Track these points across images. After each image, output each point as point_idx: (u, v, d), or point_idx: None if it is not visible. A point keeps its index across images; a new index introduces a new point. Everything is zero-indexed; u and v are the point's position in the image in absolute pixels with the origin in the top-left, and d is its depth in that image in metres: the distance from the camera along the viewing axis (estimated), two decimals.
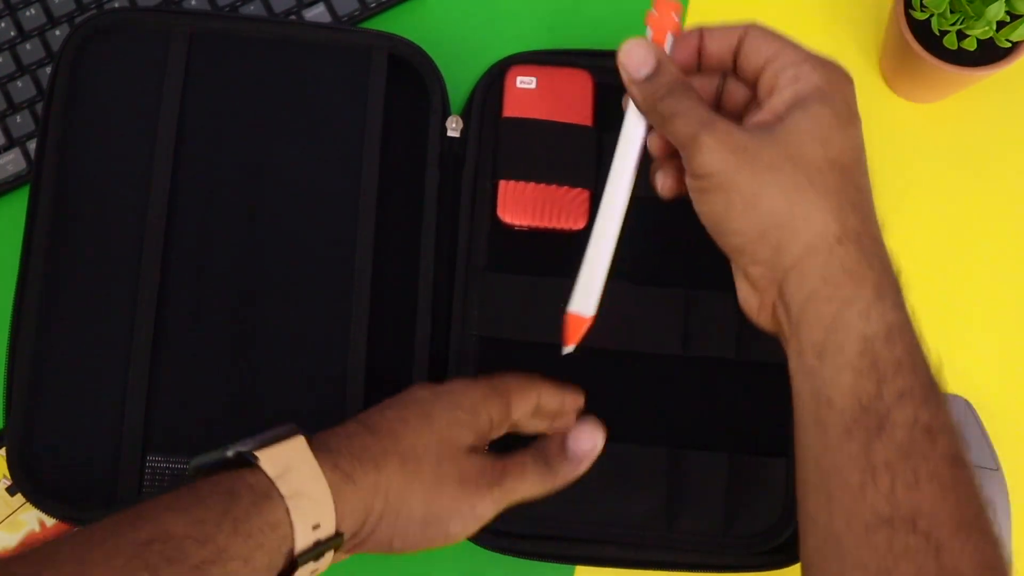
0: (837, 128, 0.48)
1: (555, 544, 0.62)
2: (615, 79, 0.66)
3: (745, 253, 0.49)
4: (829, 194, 0.46)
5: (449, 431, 0.51)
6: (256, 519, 0.43)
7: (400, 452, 0.49)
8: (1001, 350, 0.68)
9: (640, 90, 0.51)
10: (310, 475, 0.46)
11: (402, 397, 0.54)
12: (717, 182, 0.47)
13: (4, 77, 0.69)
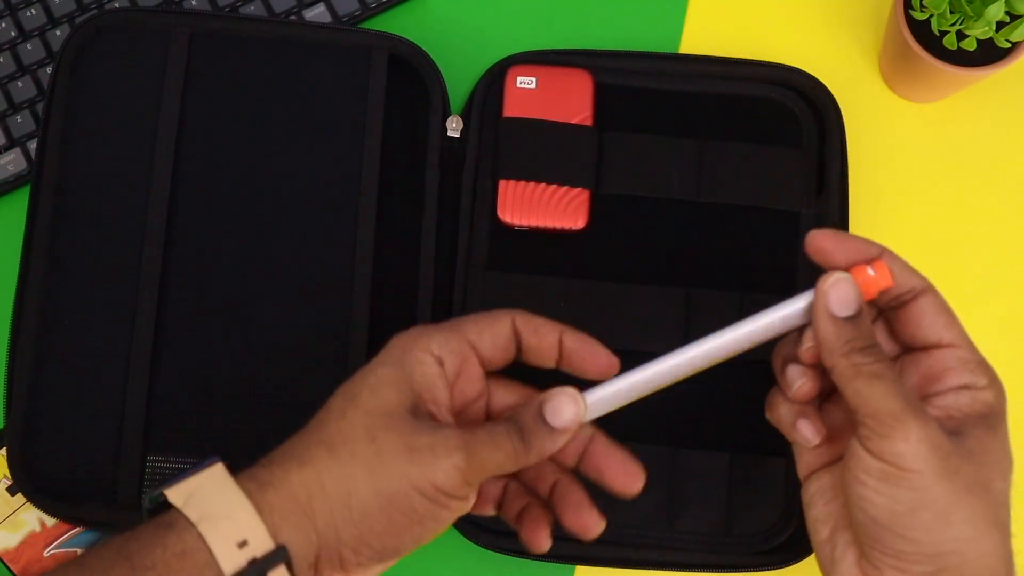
0: (1009, 461, 0.46)
1: (555, 544, 0.62)
2: (615, 79, 0.67)
3: (902, 559, 0.44)
4: (1005, 536, 0.44)
5: (374, 398, 0.44)
6: (158, 552, 0.41)
7: (326, 440, 0.44)
8: (1001, 349, 0.67)
9: (837, 330, 0.46)
10: (220, 494, 0.42)
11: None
12: (910, 481, 0.43)
13: (5, 77, 0.69)
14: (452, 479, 0.43)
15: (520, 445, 0.44)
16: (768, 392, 0.64)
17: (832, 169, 0.65)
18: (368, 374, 0.46)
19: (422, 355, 0.46)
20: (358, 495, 0.43)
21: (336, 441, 0.44)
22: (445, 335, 0.46)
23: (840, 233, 0.48)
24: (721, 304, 0.63)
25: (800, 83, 0.67)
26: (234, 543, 0.41)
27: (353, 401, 0.45)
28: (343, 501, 0.43)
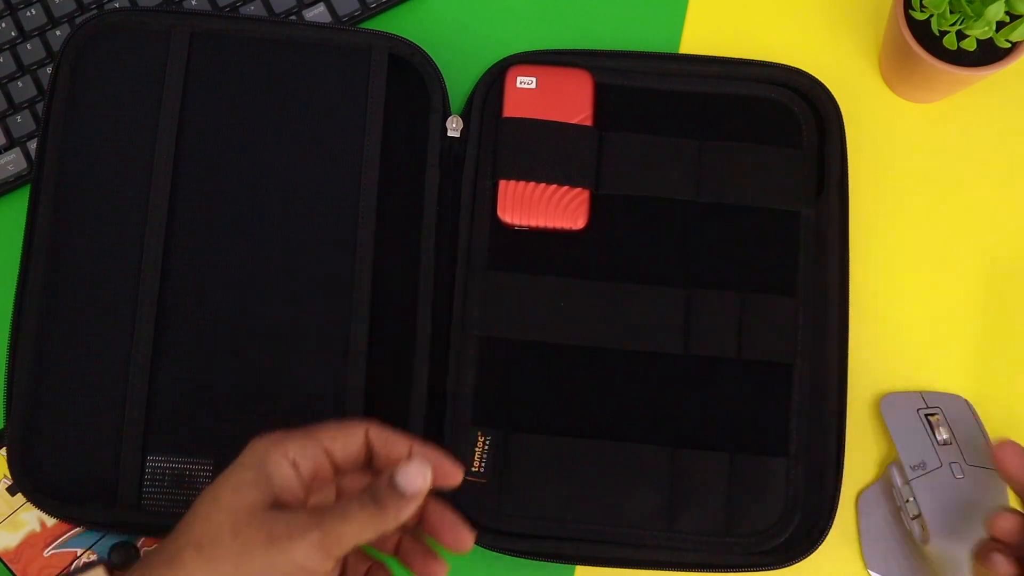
0: None
1: (555, 544, 0.62)
2: (615, 79, 0.67)
3: None
4: None
5: (236, 498, 0.47)
6: None
7: (193, 542, 0.46)
8: (1001, 350, 0.68)
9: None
10: None
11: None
12: None
13: (5, 77, 0.69)
14: (312, 556, 0.46)
15: (377, 512, 0.47)
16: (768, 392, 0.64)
17: (832, 169, 0.65)
18: (230, 475, 0.48)
19: (280, 459, 0.49)
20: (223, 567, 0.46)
21: (203, 542, 0.46)
22: (301, 441, 0.49)
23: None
24: (721, 304, 0.63)
25: (800, 83, 0.67)
26: None
27: (216, 503, 0.47)
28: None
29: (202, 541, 0.46)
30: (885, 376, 0.67)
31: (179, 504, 0.61)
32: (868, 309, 0.67)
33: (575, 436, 0.63)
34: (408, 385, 0.63)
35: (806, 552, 0.62)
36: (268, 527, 0.46)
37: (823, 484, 0.63)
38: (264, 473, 0.48)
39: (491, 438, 0.62)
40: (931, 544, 0.61)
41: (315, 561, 0.46)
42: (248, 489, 0.47)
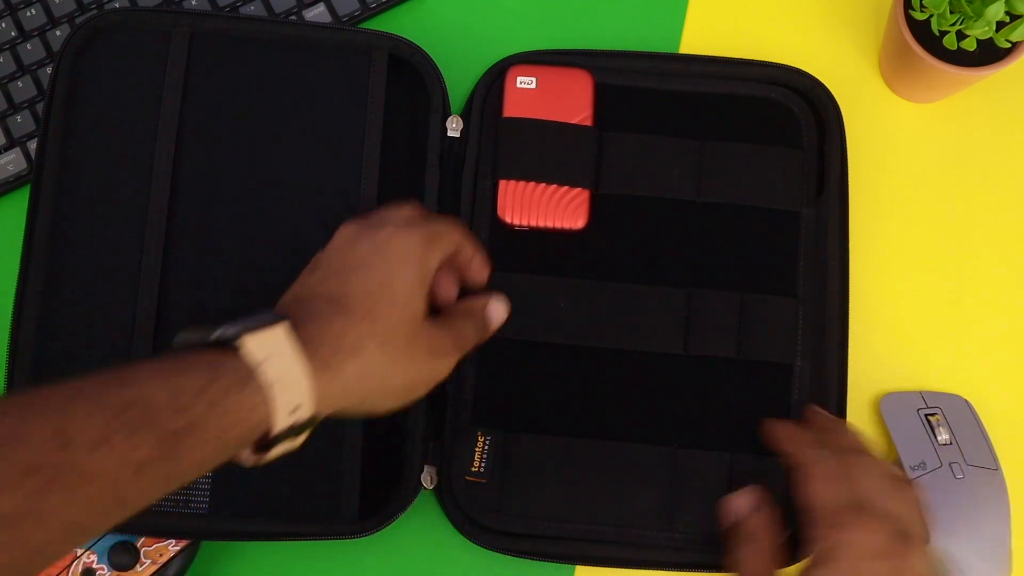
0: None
1: (555, 544, 0.62)
2: (615, 79, 0.67)
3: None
4: None
5: (411, 304, 0.53)
6: (233, 400, 0.45)
7: (376, 335, 0.51)
8: (1001, 350, 0.68)
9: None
10: (290, 364, 0.47)
11: (347, 255, 0.54)
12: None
13: (5, 77, 0.69)
14: (449, 368, 0.56)
15: (484, 334, 0.60)
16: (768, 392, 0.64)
17: (832, 169, 0.65)
18: (404, 272, 0.53)
19: (434, 265, 0.56)
20: (392, 385, 0.53)
21: (385, 339, 0.52)
22: (442, 249, 0.56)
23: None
24: (721, 304, 0.63)
25: (800, 83, 0.67)
26: (290, 409, 0.47)
27: (395, 301, 0.52)
28: (379, 384, 0.52)
29: (384, 338, 0.51)
30: (885, 376, 0.67)
31: (178, 504, 0.61)
32: (868, 309, 0.67)
33: (575, 436, 0.63)
34: None
35: (806, 552, 0.62)
36: (428, 341, 0.54)
37: None
38: (426, 280, 0.55)
39: (491, 438, 0.62)
40: (931, 544, 0.61)
41: (448, 371, 0.56)
42: (418, 296, 0.54)
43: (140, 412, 0.42)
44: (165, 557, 0.61)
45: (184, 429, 0.43)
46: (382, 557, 0.65)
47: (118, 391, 0.42)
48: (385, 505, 0.62)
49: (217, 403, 0.44)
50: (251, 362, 0.46)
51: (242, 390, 0.45)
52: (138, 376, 0.44)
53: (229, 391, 0.45)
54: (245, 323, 0.47)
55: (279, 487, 0.61)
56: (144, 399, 0.43)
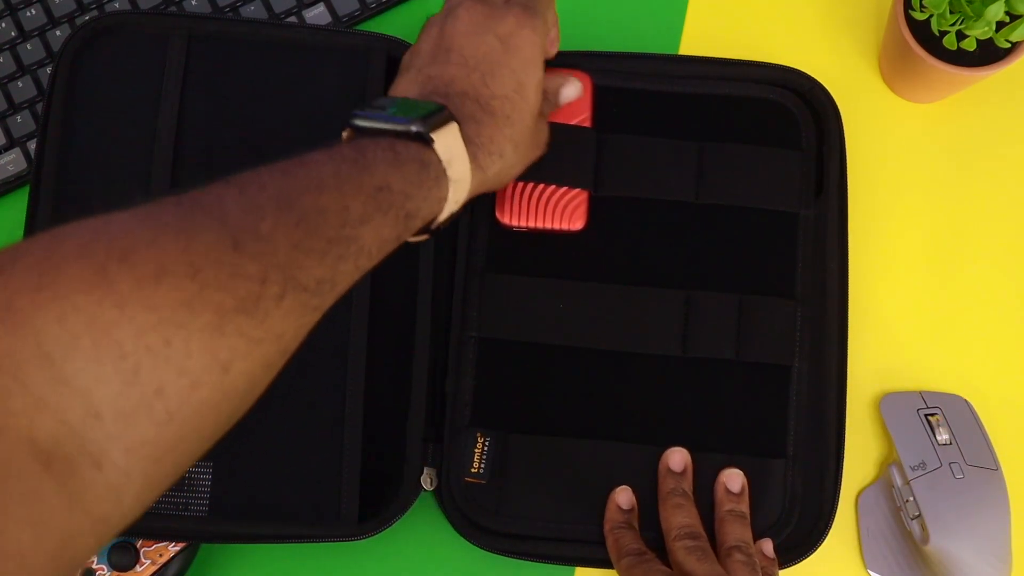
0: None
1: (555, 545, 0.62)
2: (614, 80, 0.67)
3: None
4: None
5: (536, 105, 0.58)
6: (436, 192, 0.50)
7: (514, 138, 0.56)
8: (1001, 350, 0.68)
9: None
10: (464, 166, 0.52)
11: (478, 46, 0.56)
12: None
13: (4, 77, 0.69)
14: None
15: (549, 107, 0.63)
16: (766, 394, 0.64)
17: (831, 170, 0.65)
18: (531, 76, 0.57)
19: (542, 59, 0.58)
20: (513, 172, 0.58)
21: (518, 141, 0.56)
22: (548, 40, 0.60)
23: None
24: (719, 306, 0.63)
25: (799, 84, 0.66)
26: (455, 201, 0.52)
27: (527, 103, 0.57)
28: (505, 176, 0.57)
29: (518, 141, 0.56)
30: (885, 376, 0.67)
31: (178, 507, 0.61)
32: (868, 309, 0.67)
33: (574, 437, 0.63)
34: (408, 385, 0.63)
35: (806, 553, 0.62)
36: (539, 135, 0.60)
37: (823, 485, 0.63)
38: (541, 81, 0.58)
39: (490, 439, 0.62)
40: (931, 544, 0.61)
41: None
42: (539, 95, 0.58)
43: (386, 196, 0.47)
44: (165, 557, 0.61)
45: (411, 213, 0.48)
46: (382, 559, 0.65)
47: (369, 177, 0.46)
48: (385, 507, 0.62)
49: (429, 194, 0.50)
50: (443, 159, 0.50)
51: (439, 184, 0.50)
52: (375, 162, 0.47)
53: (436, 184, 0.50)
54: (423, 119, 0.50)
55: (278, 489, 0.61)
56: (387, 185, 0.47)
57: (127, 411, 0.36)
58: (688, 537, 0.59)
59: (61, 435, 0.35)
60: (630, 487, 0.62)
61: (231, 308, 0.38)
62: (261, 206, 0.42)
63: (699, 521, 0.60)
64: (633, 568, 0.58)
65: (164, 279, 0.37)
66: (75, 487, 0.35)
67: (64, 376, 0.35)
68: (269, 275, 0.40)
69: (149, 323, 0.36)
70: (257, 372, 0.40)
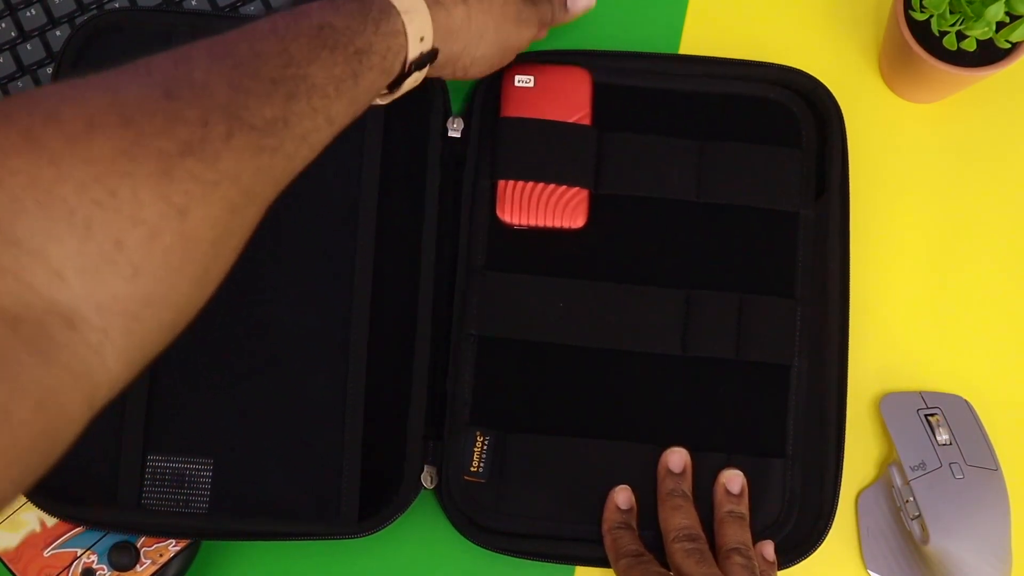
0: None
1: (555, 544, 0.62)
2: (614, 78, 0.67)
3: None
4: None
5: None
6: (385, 25, 0.50)
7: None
8: (1001, 350, 0.68)
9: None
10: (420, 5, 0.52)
11: None
12: None
13: (5, 78, 0.69)
14: (528, 41, 0.62)
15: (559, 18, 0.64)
16: (766, 393, 0.64)
17: (833, 170, 0.65)
18: None
19: None
20: (487, 40, 0.57)
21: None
22: None
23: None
24: (720, 305, 0.63)
25: (801, 83, 0.67)
26: (418, 36, 0.52)
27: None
28: (477, 38, 0.57)
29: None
30: (885, 376, 0.67)
31: (179, 504, 0.61)
32: (868, 309, 0.67)
33: (573, 436, 0.63)
34: (408, 385, 0.63)
35: (806, 552, 0.62)
36: (517, 8, 0.59)
37: (823, 484, 0.63)
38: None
39: (490, 438, 0.62)
40: (931, 544, 0.61)
41: (527, 42, 0.61)
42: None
43: (329, 34, 0.47)
44: (165, 557, 0.61)
45: (361, 49, 0.48)
46: (382, 558, 0.65)
47: (306, 19, 0.46)
48: (385, 505, 0.62)
49: (379, 27, 0.49)
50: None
51: (388, 16, 0.50)
52: (311, 9, 0.48)
53: (381, 18, 0.50)
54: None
55: (279, 487, 0.61)
56: (329, 24, 0.47)
57: (89, 268, 0.36)
58: (687, 539, 0.59)
59: (27, 298, 0.35)
60: (629, 486, 0.62)
61: (175, 152, 0.38)
62: (192, 57, 0.42)
63: (698, 522, 0.60)
64: (631, 570, 0.58)
65: (96, 131, 0.37)
66: (47, 347, 0.35)
67: (15, 238, 0.35)
68: (210, 117, 0.40)
69: (90, 176, 0.36)
70: (221, 216, 0.40)
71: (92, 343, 0.36)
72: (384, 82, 0.51)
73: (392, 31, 0.50)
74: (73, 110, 0.37)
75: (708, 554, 0.58)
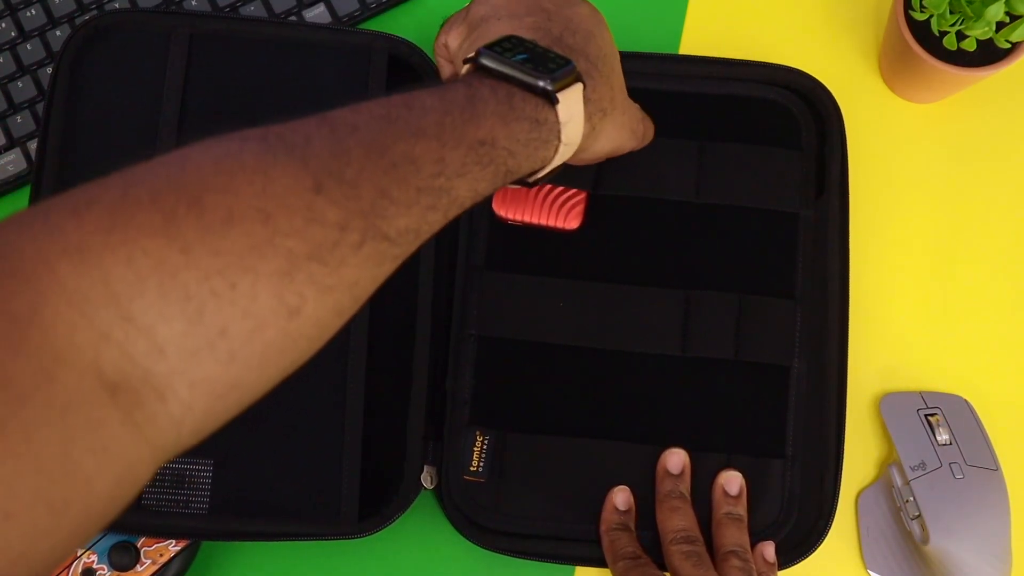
0: None
1: (554, 544, 0.62)
2: None
3: None
4: None
5: (622, 84, 0.57)
6: (542, 152, 0.49)
7: (615, 100, 0.55)
8: (1001, 349, 0.68)
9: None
10: (578, 128, 0.51)
11: (574, 13, 0.55)
12: None
13: (5, 77, 0.69)
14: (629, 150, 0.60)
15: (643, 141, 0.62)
16: (766, 394, 0.64)
17: (833, 170, 0.65)
18: (614, 46, 0.57)
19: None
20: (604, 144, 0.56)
21: (616, 108, 0.56)
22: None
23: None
24: (719, 306, 0.63)
25: (800, 84, 0.67)
26: (564, 159, 0.51)
27: (618, 76, 0.56)
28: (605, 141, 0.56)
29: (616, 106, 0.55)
30: (885, 376, 0.67)
31: (179, 504, 0.61)
32: (868, 309, 0.67)
33: (573, 436, 0.63)
34: (408, 383, 0.63)
35: (806, 552, 0.62)
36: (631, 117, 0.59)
37: (823, 484, 0.63)
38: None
39: (489, 438, 0.62)
40: (931, 544, 0.61)
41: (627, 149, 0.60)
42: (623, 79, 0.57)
43: (488, 151, 0.46)
44: (165, 557, 0.61)
45: (511, 170, 0.48)
46: (382, 557, 0.65)
47: (475, 129, 0.46)
48: (385, 505, 0.62)
49: (535, 153, 0.49)
50: (562, 120, 0.49)
51: (547, 146, 0.49)
52: (485, 114, 0.46)
53: (544, 145, 0.49)
54: (552, 72, 0.49)
55: (279, 487, 0.61)
56: (493, 140, 0.46)
57: (191, 349, 0.36)
58: (684, 541, 0.59)
59: (126, 367, 0.36)
60: (628, 487, 0.62)
61: (303, 254, 0.38)
62: (349, 149, 0.41)
63: (696, 524, 0.60)
64: (628, 572, 0.58)
65: (234, 226, 0.37)
66: (140, 417, 0.36)
67: (130, 314, 0.35)
68: (350, 222, 0.40)
69: (215, 267, 0.37)
70: (327, 318, 0.41)
71: (175, 416, 0.37)
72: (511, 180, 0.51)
73: (545, 157, 0.50)
74: (216, 199, 0.38)
75: (705, 557, 0.58)
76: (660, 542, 0.60)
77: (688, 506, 0.61)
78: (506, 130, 0.47)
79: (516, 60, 0.49)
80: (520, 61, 0.49)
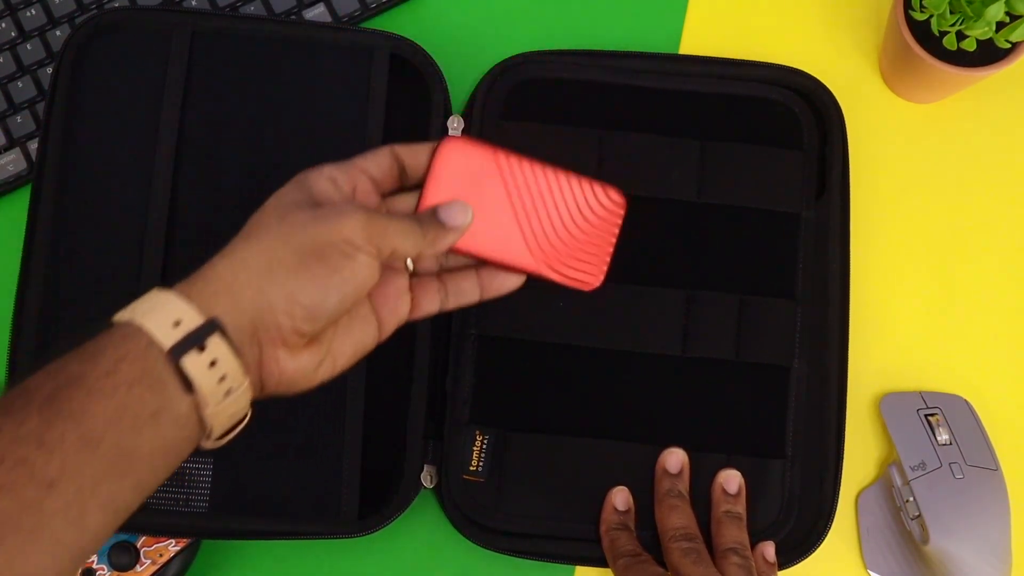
0: None
1: (554, 544, 0.62)
2: (615, 78, 0.67)
3: None
4: None
5: (281, 200, 0.49)
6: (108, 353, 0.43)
7: (242, 235, 0.48)
8: (1001, 350, 0.68)
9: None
10: (152, 298, 0.45)
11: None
12: None
13: (5, 77, 0.69)
14: (356, 231, 0.47)
15: (419, 230, 0.50)
16: (765, 394, 0.64)
17: (834, 171, 0.65)
18: (273, 196, 0.50)
19: (317, 177, 0.51)
20: (277, 258, 0.46)
21: (251, 231, 0.48)
22: (336, 164, 0.52)
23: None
24: (720, 306, 0.63)
25: (801, 84, 0.67)
26: (169, 324, 0.44)
27: (262, 211, 0.49)
28: (266, 267, 0.46)
29: (250, 231, 0.48)
30: (885, 376, 0.67)
31: (179, 503, 0.61)
32: (868, 309, 0.67)
33: (573, 435, 0.63)
34: (408, 383, 0.63)
35: (806, 552, 0.62)
36: (313, 211, 0.48)
37: (823, 484, 0.63)
38: (306, 187, 0.50)
39: (489, 437, 0.62)
40: (931, 544, 0.61)
41: (360, 237, 0.47)
42: (292, 194, 0.49)
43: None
44: (165, 557, 0.61)
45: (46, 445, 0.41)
46: (382, 556, 0.65)
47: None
48: (385, 504, 0.62)
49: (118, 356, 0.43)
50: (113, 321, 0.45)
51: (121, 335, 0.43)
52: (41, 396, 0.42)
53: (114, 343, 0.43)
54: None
55: (279, 486, 0.61)
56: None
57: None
58: (684, 539, 0.59)
59: None
60: (628, 486, 0.62)
61: None
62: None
63: (695, 522, 0.60)
64: (629, 569, 0.58)
65: None
66: None
67: None
68: None
69: None
70: None
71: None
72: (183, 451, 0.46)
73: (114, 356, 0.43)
74: None
75: (705, 554, 0.58)
76: (659, 541, 0.60)
77: (687, 505, 0.61)
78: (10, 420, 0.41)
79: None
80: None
